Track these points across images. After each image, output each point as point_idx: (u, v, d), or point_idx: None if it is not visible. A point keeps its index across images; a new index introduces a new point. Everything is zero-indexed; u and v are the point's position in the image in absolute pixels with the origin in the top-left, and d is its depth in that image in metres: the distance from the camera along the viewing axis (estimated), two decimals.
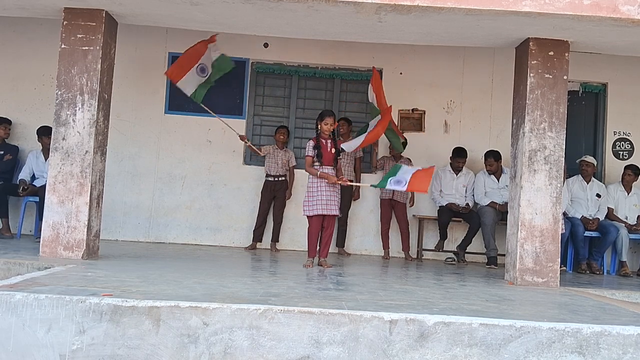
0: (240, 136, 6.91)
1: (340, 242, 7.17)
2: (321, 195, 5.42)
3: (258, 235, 7.09)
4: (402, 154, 7.07)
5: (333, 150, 5.54)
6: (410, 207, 7.23)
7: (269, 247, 7.11)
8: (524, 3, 4.52)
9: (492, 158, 6.97)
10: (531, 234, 5.09)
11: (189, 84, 6.48)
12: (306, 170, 5.58)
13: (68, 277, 3.83)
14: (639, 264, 7.31)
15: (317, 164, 5.52)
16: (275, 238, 7.12)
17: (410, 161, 7.11)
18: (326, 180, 5.42)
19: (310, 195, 5.49)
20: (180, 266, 5.01)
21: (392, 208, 7.09)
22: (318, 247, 5.55)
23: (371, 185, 6.19)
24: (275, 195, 7.09)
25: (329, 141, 5.57)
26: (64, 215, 4.98)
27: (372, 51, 7.30)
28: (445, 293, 4.27)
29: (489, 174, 7.05)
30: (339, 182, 5.47)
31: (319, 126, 5.55)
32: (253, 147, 6.93)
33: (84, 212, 4.99)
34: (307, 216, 5.52)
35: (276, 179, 7.07)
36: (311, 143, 5.58)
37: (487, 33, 5.19)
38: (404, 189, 5.57)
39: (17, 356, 2.98)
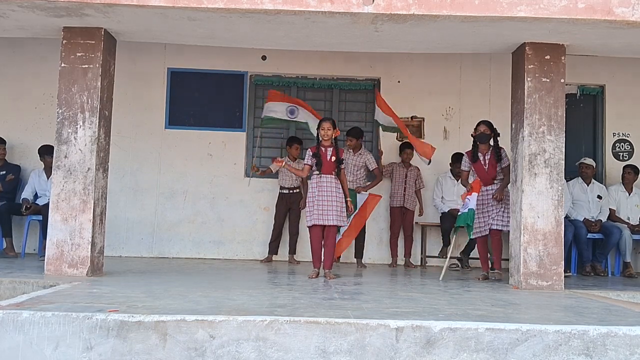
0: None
1: (359, 254, 7.00)
2: (318, 205, 5.38)
3: (274, 248, 7.04)
4: (411, 163, 7.12)
5: (333, 159, 5.46)
6: (419, 216, 7.24)
7: (288, 260, 7.04)
8: (519, 8, 4.55)
9: None
10: (534, 237, 5.10)
11: (273, 110, 6.94)
12: (299, 175, 5.92)
13: (74, 295, 3.84)
14: None
15: (316, 172, 5.48)
16: (292, 250, 7.06)
17: (419, 169, 7.13)
18: (325, 190, 5.40)
19: (309, 205, 5.48)
20: (185, 280, 5.02)
21: (402, 215, 7.10)
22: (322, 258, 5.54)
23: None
24: (290, 208, 7.06)
25: (330, 149, 5.50)
26: (68, 233, 4.99)
27: (370, 61, 7.34)
28: (450, 299, 4.28)
29: None
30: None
31: (318, 133, 5.53)
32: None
33: (87, 229, 5.00)
34: (308, 227, 5.52)
35: (291, 191, 7.04)
36: (309, 151, 5.54)
37: (483, 39, 5.22)
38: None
39: None
